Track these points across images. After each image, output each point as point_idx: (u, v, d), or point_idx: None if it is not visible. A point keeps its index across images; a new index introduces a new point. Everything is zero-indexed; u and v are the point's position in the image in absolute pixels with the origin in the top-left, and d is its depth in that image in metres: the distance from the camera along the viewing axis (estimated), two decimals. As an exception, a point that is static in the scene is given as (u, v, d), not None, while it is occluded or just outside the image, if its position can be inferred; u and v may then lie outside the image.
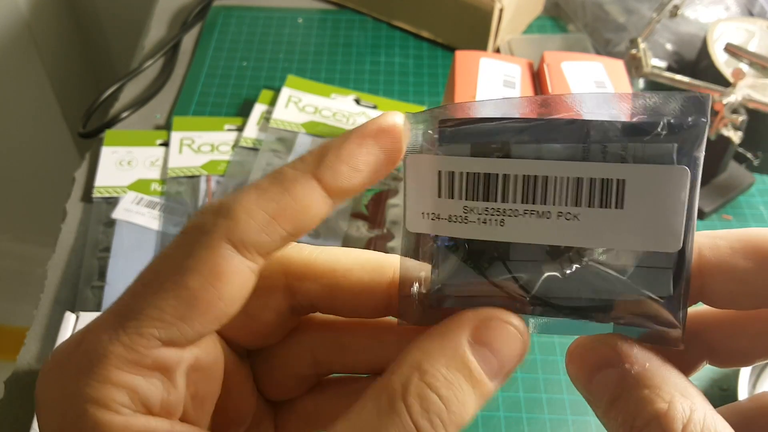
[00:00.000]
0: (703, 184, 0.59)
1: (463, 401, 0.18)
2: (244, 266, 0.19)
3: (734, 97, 0.53)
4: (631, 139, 0.19)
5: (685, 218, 0.18)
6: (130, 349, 0.18)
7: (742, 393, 0.42)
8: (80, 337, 0.19)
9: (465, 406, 0.18)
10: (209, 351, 0.21)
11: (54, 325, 0.47)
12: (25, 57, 0.91)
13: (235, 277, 0.19)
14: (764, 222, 0.57)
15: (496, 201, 0.20)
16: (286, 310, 0.22)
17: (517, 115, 0.20)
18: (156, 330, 0.18)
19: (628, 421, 0.18)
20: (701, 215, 0.57)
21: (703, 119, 0.18)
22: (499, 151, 0.20)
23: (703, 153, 0.19)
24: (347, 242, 0.52)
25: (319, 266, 0.22)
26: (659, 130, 0.19)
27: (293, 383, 0.24)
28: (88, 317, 0.41)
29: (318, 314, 0.24)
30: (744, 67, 0.59)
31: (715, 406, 0.20)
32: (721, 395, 0.45)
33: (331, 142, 0.20)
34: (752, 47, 0.64)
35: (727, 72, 0.60)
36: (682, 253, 0.19)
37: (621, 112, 0.19)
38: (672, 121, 0.18)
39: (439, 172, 0.20)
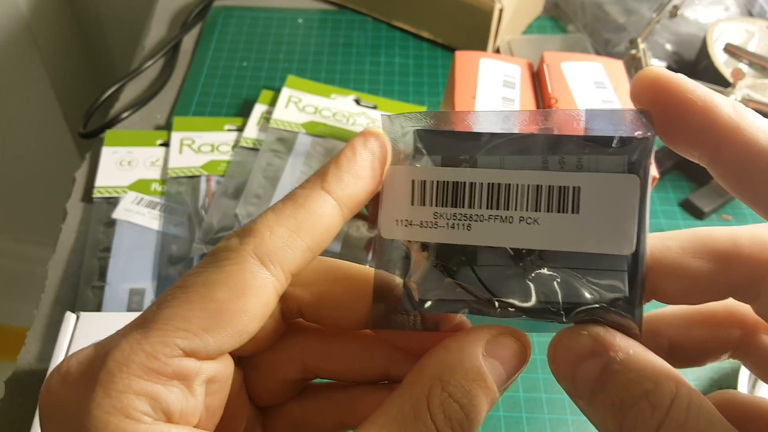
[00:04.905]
0: (702, 184, 0.59)
1: (479, 409, 0.20)
2: (268, 282, 0.20)
3: (734, 97, 0.53)
4: (587, 152, 0.21)
5: (637, 223, 0.20)
6: (152, 358, 0.18)
7: (742, 392, 0.42)
8: (95, 350, 0.19)
9: (480, 413, 0.20)
10: (226, 364, 0.21)
11: (54, 325, 0.47)
12: (25, 57, 0.91)
13: (260, 291, 0.20)
14: (763, 221, 0.57)
15: (463, 207, 0.21)
16: (279, 315, 0.23)
17: (488, 130, 0.22)
18: (180, 340, 0.19)
19: (617, 403, 0.18)
20: (701, 215, 0.57)
21: (650, 133, 0.20)
22: (467, 162, 0.21)
23: (653, 163, 0.20)
24: (347, 242, 0.52)
25: (311, 274, 0.23)
26: (612, 144, 0.20)
27: (281, 388, 0.25)
28: (88, 317, 0.41)
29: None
30: (743, 67, 0.59)
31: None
32: (720, 395, 0.45)
33: (328, 161, 0.22)
34: (752, 47, 0.64)
35: (726, 72, 0.60)
36: (635, 257, 0.20)
37: (579, 127, 0.21)
38: (623, 135, 0.20)
39: (413, 181, 0.22)
